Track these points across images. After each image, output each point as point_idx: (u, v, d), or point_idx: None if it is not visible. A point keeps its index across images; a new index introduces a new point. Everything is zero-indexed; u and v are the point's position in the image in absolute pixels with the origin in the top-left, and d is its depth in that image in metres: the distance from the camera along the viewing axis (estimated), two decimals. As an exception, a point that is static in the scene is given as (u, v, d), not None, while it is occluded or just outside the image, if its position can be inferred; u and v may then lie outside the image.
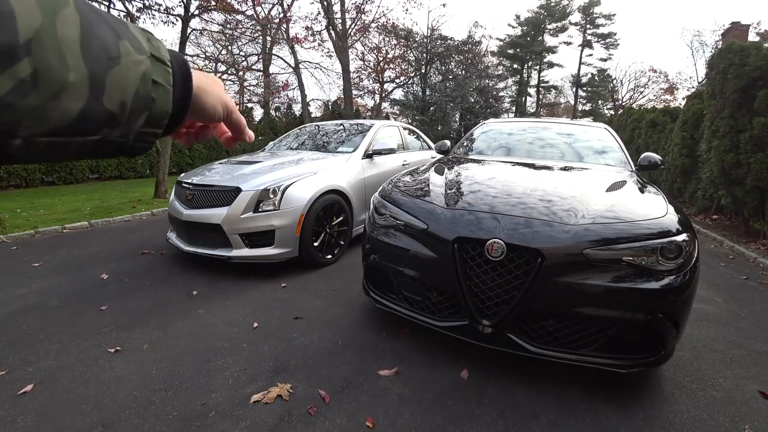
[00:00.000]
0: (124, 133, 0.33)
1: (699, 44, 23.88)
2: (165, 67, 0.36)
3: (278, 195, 2.97)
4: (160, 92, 0.35)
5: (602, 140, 3.34)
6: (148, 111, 0.34)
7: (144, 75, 0.33)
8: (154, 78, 0.34)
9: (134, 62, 0.32)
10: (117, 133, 0.33)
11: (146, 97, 0.33)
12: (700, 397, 1.76)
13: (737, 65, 4.53)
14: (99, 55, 0.29)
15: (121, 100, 0.31)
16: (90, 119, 0.29)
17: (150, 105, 0.34)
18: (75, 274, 3.04)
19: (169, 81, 0.36)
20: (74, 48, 0.27)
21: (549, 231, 1.68)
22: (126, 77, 0.31)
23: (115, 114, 0.31)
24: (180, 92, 0.38)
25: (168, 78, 0.36)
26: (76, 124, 0.29)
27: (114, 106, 0.31)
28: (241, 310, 2.46)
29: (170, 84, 0.36)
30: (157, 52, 0.35)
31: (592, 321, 1.64)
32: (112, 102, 0.30)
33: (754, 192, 4.49)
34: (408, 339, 2.15)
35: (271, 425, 1.50)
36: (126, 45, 0.31)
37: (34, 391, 1.67)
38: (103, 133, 0.31)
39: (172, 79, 0.36)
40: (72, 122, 0.28)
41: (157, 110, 0.35)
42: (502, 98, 24.53)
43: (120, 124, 0.32)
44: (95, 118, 0.30)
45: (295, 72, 15.32)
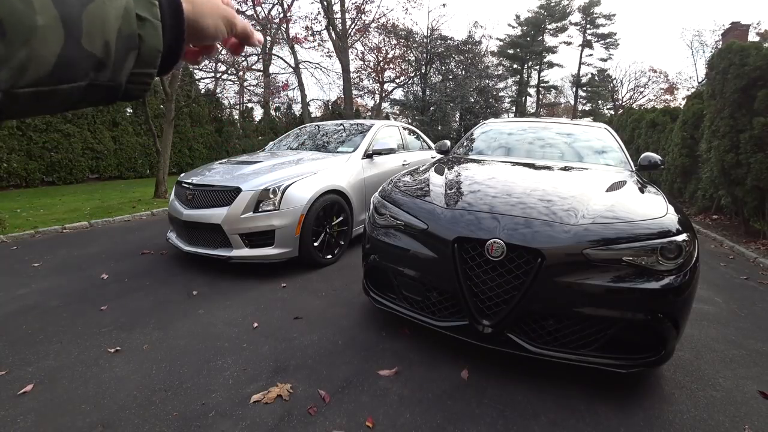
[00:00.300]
0: (113, 76, 0.31)
1: (699, 44, 23.90)
2: (149, 0, 0.33)
3: (278, 195, 2.97)
4: (148, 28, 0.32)
5: (602, 140, 3.34)
6: (136, 50, 0.32)
7: (125, 11, 0.30)
8: (138, 13, 0.31)
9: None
10: (105, 76, 0.31)
11: (131, 35, 0.31)
12: (700, 397, 1.76)
13: (737, 65, 4.53)
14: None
15: (104, 41, 0.29)
16: (71, 64, 0.28)
17: (137, 43, 0.32)
18: (75, 274, 3.04)
19: (156, 15, 0.33)
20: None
21: (549, 231, 1.68)
22: (104, 15, 0.29)
23: (99, 56, 0.29)
24: (171, 26, 0.35)
25: (154, 11, 0.33)
26: (57, 70, 0.27)
27: (96, 48, 0.29)
28: (241, 310, 2.46)
29: (158, 18, 0.33)
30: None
31: (592, 321, 1.64)
32: (92, 44, 0.28)
33: (754, 192, 4.49)
34: (408, 339, 2.15)
35: (271, 425, 1.50)
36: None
37: (34, 391, 1.67)
38: (90, 78, 0.30)
39: (159, 11, 0.33)
40: (52, 69, 0.27)
41: (148, 48, 0.33)
42: (502, 98, 24.55)
43: (107, 66, 0.30)
44: (77, 62, 0.28)
45: (295, 72, 15.31)
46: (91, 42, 0.28)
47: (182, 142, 11.25)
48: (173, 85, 6.78)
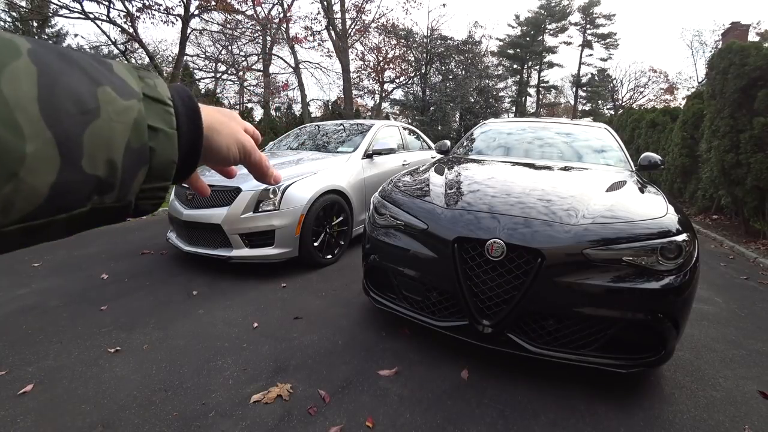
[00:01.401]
0: (120, 196, 0.28)
1: (699, 44, 23.91)
2: (164, 108, 0.30)
3: (278, 195, 2.97)
4: (161, 139, 0.29)
5: (602, 140, 3.34)
6: (147, 165, 0.28)
7: (136, 123, 0.27)
8: (150, 123, 0.28)
9: (120, 110, 0.26)
10: (111, 198, 0.27)
11: (142, 148, 0.28)
12: (700, 397, 1.76)
13: (737, 65, 4.53)
14: (68, 111, 0.23)
15: (108, 160, 0.25)
16: (69, 192, 0.24)
17: (148, 157, 0.28)
18: (75, 274, 3.04)
19: (171, 124, 0.30)
20: (31, 109, 0.21)
21: (549, 231, 1.68)
22: (110, 131, 0.25)
23: (103, 178, 0.25)
24: (187, 134, 0.32)
25: (170, 120, 0.30)
26: (51, 201, 0.23)
27: (99, 170, 0.25)
28: (241, 310, 2.46)
29: (173, 127, 0.30)
30: (152, 90, 0.29)
31: (592, 321, 1.64)
32: (95, 165, 0.25)
33: (754, 192, 4.49)
34: (408, 339, 2.15)
35: (271, 425, 1.50)
36: (107, 91, 0.25)
37: (34, 391, 1.67)
38: (94, 203, 0.26)
39: (175, 120, 0.30)
40: (44, 201, 0.23)
41: (160, 161, 0.29)
42: (502, 98, 24.56)
43: (113, 187, 0.26)
44: (76, 188, 0.24)
45: (295, 72, 15.31)
46: (94, 164, 0.25)
47: (182, 142, 11.24)
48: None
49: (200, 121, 0.33)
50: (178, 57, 9.05)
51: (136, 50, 10.44)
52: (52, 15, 8.13)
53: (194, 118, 0.33)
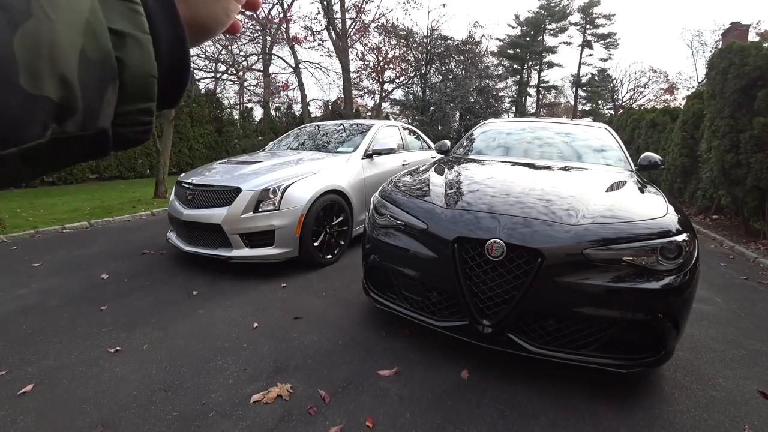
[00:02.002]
0: (87, 123, 0.22)
1: (699, 44, 23.87)
2: (129, 5, 0.23)
3: (278, 195, 2.97)
4: (131, 47, 0.23)
5: (602, 140, 3.34)
6: (116, 80, 0.23)
7: (89, 24, 0.21)
8: (111, 26, 0.22)
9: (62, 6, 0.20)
10: (75, 125, 0.22)
11: (104, 59, 0.22)
12: (700, 397, 1.76)
13: (737, 65, 4.53)
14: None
15: (58, 75, 0.20)
16: (10, 117, 0.19)
17: (116, 70, 0.22)
18: (75, 274, 3.04)
19: (141, 26, 0.23)
20: None
21: (549, 231, 1.69)
22: (52, 36, 0.19)
23: (56, 100, 0.20)
24: (166, 37, 0.25)
25: (139, 21, 0.23)
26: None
27: (47, 89, 0.20)
28: (241, 310, 2.46)
29: (145, 30, 0.23)
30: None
31: (592, 321, 1.64)
32: (38, 83, 0.19)
33: (754, 192, 4.49)
34: (408, 339, 2.15)
35: (271, 425, 1.50)
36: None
37: (34, 391, 1.67)
38: (53, 131, 0.21)
39: (146, 21, 0.24)
40: None
41: (134, 75, 0.23)
42: (502, 98, 24.54)
43: (73, 111, 0.21)
44: (19, 113, 0.19)
45: (295, 72, 15.31)
46: (36, 80, 0.19)
47: (182, 142, 11.25)
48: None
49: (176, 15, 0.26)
50: (178, 57, 9.01)
51: (136, 50, 10.41)
52: (52, 15, 8.12)
53: (171, 14, 0.26)
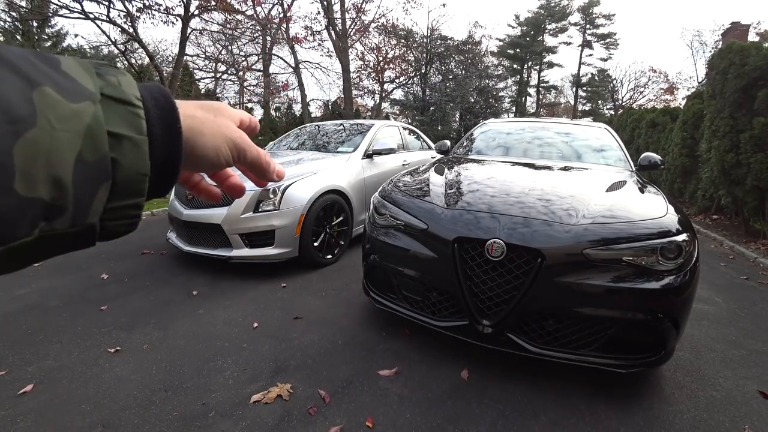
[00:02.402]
0: (76, 220, 0.23)
1: (699, 44, 23.89)
2: (130, 110, 0.25)
3: (278, 195, 2.97)
4: (126, 148, 0.24)
5: (602, 140, 3.34)
6: (108, 180, 0.23)
7: (89, 130, 0.22)
8: (110, 129, 0.23)
9: (65, 116, 0.21)
10: (64, 223, 0.22)
11: (100, 161, 0.23)
12: (700, 397, 1.76)
13: (737, 65, 4.53)
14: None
15: (52, 178, 0.20)
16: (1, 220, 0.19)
17: (110, 171, 0.23)
18: (75, 274, 3.04)
19: (139, 128, 0.25)
20: None
21: (549, 231, 1.69)
22: (52, 143, 0.20)
23: (48, 201, 0.21)
24: (162, 140, 0.27)
25: (137, 124, 0.25)
26: None
27: (40, 191, 0.20)
28: (241, 310, 2.46)
29: (142, 132, 0.25)
30: (114, 90, 0.24)
31: (592, 321, 1.64)
32: (32, 187, 0.20)
33: (754, 192, 4.50)
34: (408, 339, 2.15)
35: (271, 425, 1.50)
36: (46, 93, 0.21)
37: (34, 391, 1.67)
38: (42, 230, 0.21)
39: (145, 124, 0.25)
40: None
41: (127, 175, 0.24)
42: (502, 98, 24.54)
43: (63, 211, 0.22)
44: (10, 216, 0.19)
45: (295, 72, 15.32)
46: (30, 184, 0.20)
47: (182, 142, 11.24)
48: (173, 85, 6.79)
49: (178, 122, 0.28)
50: (178, 57, 9.05)
51: (136, 50, 10.44)
52: (51, 15, 8.14)
53: (170, 119, 0.27)
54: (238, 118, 0.36)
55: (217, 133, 0.32)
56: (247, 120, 0.38)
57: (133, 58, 10.38)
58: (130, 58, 9.34)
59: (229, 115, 0.35)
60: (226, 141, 0.33)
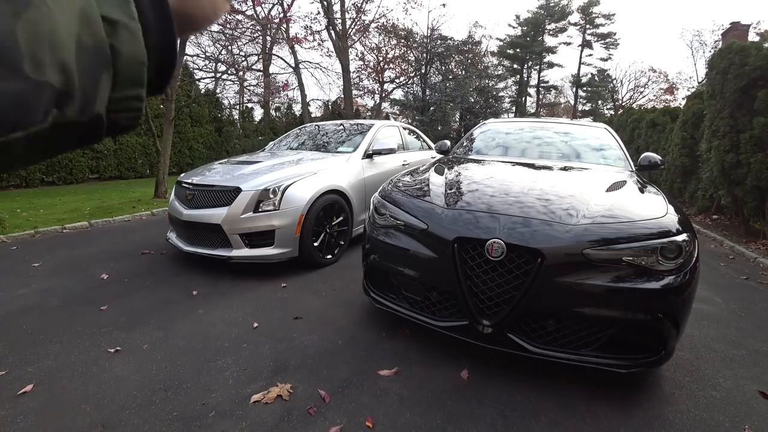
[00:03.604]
0: (84, 108, 0.23)
1: (699, 44, 23.91)
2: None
3: (278, 195, 2.97)
4: (122, 35, 0.24)
5: (602, 140, 3.34)
6: (110, 67, 0.24)
7: (83, 12, 0.22)
8: (104, 14, 0.23)
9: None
10: (73, 110, 0.23)
11: (99, 46, 0.23)
12: (700, 397, 1.76)
13: (737, 65, 4.53)
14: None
15: (58, 62, 0.21)
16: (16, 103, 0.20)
17: (110, 57, 0.24)
18: (75, 274, 3.04)
19: (130, 13, 0.24)
20: None
21: (549, 231, 1.69)
22: (51, 24, 0.21)
23: (56, 86, 0.21)
24: (156, 24, 0.26)
25: (128, 9, 0.24)
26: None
27: (48, 75, 0.21)
28: (241, 310, 2.46)
29: (134, 17, 0.25)
30: None
31: (592, 321, 1.64)
32: (41, 69, 0.20)
33: (754, 192, 4.49)
34: (408, 339, 2.15)
35: (271, 425, 1.50)
36: None
37: (34, 391, 1.67)
38: (54, 116, 0.22)
39: (134, 8, 0.25)
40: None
41: (126, 62, 0.25)
42: (502, 98, 24.52)
43: (71, 97, 0.22)
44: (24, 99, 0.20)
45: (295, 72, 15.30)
46: (39, 66, 0.20)
47: (182, 142, 11.25)
48: (173, 85, 6.79)
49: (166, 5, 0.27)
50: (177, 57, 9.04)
51: (136, 50, 10.42)
52: (52, 15, 8.13)
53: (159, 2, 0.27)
54: None
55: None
56: None
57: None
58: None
59: None
60: None
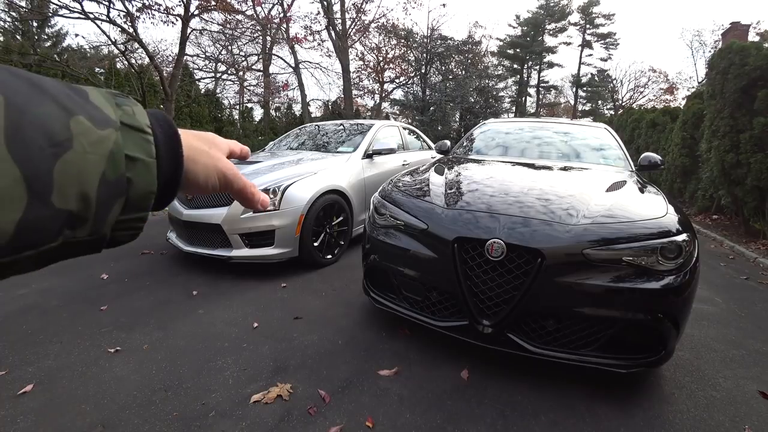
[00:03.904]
0: (94, 229, 0.26)
1: (699, 44, 23.92)
2: (143, 136, 0.28)
3: (278, 195, 2.97)
4: (139, 169, 0.27)
5: (602, 140, 3.34)
6: (124, 196, 0.27)
7: (112, 154, 0.25)
8: (127, 153, 0.26)
9: (94, 141, 0.24)
10: (84, 232, 0.25)
11: (119, 180, 0.26)
12: (700, 397, 1.76)
13: (737, 65, 4.53)
14: (38, 144, 0.21)
15: (81, 194, 0.24)
16: (37, 228, 0.22)
17: (125, 188, 0.27)
18: (75, 274, 3.04)
19: (150, 152, 0.28)
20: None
21: (549, 231, 1.69)
22: (84, 164, 0.24)
23: (75, 212, 0.24)
24: (167, 163, 0.31)
25: (148, 149, 0.28)
26: (18, 239, 0.21)
27: (71, 204, 0.23)
28: (241, 310, 2.46)
29: (152, 156, 0.28)
30: (130, 118, 0.28)
31: (592, 321, 1.64)
32: (66, 200, 0.23)
33: (754, 192, 4.49)
34: (408, 339, 2.15)
35: (271, 425, 1.50)
36: (80, 121, 0.24)
37: (34, 391, 1.67)
38: (65, 237, 0.24)
39: (154, 149, 0.29)
40: (10, 239, 0.21)
41: (138, 192, 0.28)
42: (502, 98, 24.51)
43: (86, 221, 0.25)
44: (45, 224, 0.22)
45: (295, 72, 15.31)
46: (65, 198, 0.23)
47: (182, 142, 11.24)
48: (173, 85, 6.79)
49: (180, 148, 0.32)
50: (178, 57, 9.04)
51: (136, 50, 10.44)
52: (51, 15, 8.13)
53: (174, 145, 0.31)
54: (228, 149, 0.41)
55: (210, 164, 0.36)
56: (238, 150, 0.43)
57: (133, 58, 10.38)
58: (130, 58, 9.33)
59: (221, 146, 0.39)
60: (216, 172, 0.37)
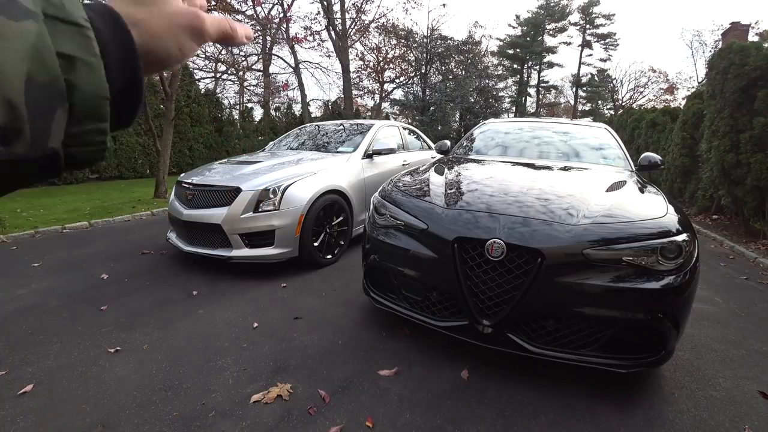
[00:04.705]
0: (35, 145, 0.22)
1: (699, 44, 23.90)
2: (80, 30, 0.23)
3: (278, 195, 2.97)
4: (80, 70, 0.23)
5: (602, 140, 3.34)
6: (65, 102, 0.23)
7: (35, 50, 0.21)
8: (60, 51, 0.22)
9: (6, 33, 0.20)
10: (22, 147, 0.22)
11: (53, 82, 0.22)
12: (700, 397, 1.76)
13: (737, 65, 4.53)
14: None
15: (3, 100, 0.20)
16: None
17: (65, 93, 0.23)
18: (75, 274, 3.04)
19: (91, 50, 0.24)
20: None
21: (549, 231, 1.69)
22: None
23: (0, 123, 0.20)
24: (119, 61, 0.25)
25: (88, 45, 0.23)
26: None
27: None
28: (241, 310, 2.46)
29: (95, 54, 0.24)
30: (57, 10, 0.23)
31: (593, 321, 1.63)
32: None
33: (754, 192, 4.49)
34: (408, 339, 2.15)
35: (271, 425, 1.50)
36: None
37: (34, 391, 1.67)
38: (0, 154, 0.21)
39: (97, 45, 0.24)
40: None
41: (84, 98, 0.24)
42: (502, 98, 24.53)
43: (19, 133, 0.21)
44: None
45: (295, 72, 15.31)
46: None
47: (182, 142, 11.24)
48: (173, 84, 6.78)
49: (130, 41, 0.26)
50: (178, 57, 9.02)
51: (136, 50, 10.40)
52: (52, 15, 8.13)
53: (123, 37, 0.26)
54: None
55: (170, 27, 0.30)
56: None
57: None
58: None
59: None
60: (183, 28, 0.31)
